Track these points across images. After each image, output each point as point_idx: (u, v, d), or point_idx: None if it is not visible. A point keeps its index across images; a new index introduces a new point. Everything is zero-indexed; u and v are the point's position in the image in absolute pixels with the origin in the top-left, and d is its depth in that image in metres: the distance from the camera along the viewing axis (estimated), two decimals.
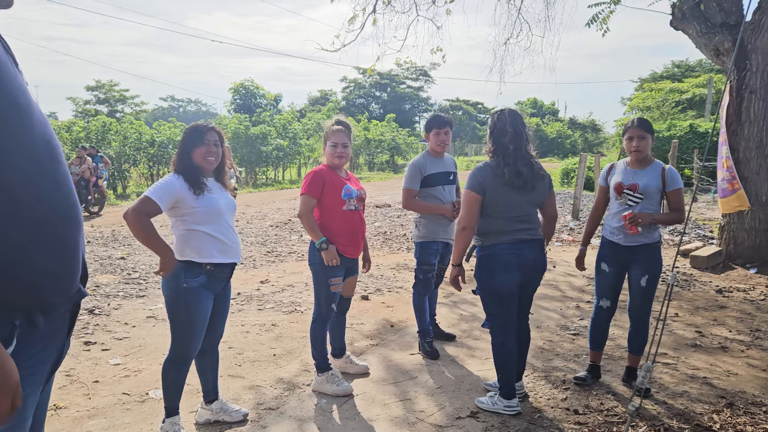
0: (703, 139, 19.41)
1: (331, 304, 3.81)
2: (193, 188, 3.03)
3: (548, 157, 48.64)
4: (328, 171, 3.78)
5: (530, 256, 3.43)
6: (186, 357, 3.13)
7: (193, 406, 3.53)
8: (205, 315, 3.11)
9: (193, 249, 3.04)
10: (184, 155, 3.11)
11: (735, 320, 5.48)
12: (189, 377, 3.25)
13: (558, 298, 6.27)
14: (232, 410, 3.39)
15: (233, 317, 5.43)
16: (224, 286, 3.26)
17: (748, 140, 7.40)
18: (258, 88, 35.72)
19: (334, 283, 3.77)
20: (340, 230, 3.74)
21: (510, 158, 3.37)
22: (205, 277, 3.07)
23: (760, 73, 7.29)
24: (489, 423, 3.39)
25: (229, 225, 3.19)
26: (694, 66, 39.31)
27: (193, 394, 3.66)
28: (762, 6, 7.17)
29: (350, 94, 59.70)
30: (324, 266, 3.72)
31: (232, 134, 22.46)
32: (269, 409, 3.58)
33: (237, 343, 4.76)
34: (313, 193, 3.68)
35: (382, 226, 11.29)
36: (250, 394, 3.79)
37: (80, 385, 3.88)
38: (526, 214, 3.44)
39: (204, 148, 3.12)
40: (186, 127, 3.22)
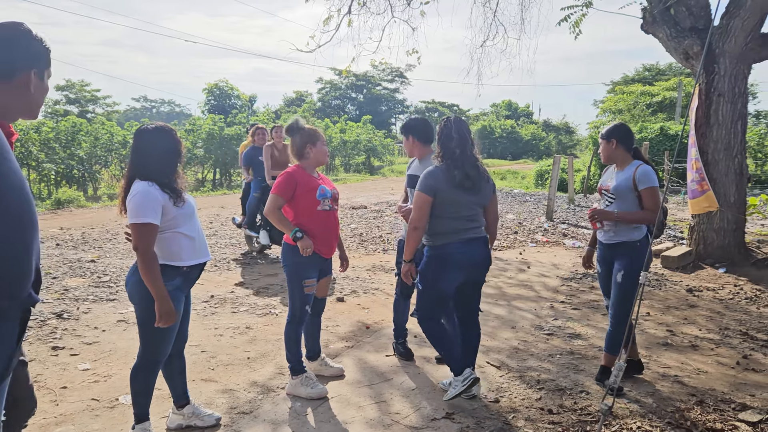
0: (674, 141, 19.77)
1: (305, 305, 3.78)
2: (174, 197, 2.96)
3: (523, 159, 49.06)
4: (302, 172, 3.76)
5: (478, 253, 3.60)
6: (157, 362, 3.07)
7: (164, 411, 3.46)
8: (179, 318, 3.06)
9: (172, 253, 2.98)
10: (166, 163, 3.00)
11: (705, 319, 5.58)
12: (159, 382, 3.19)
13: (532, 299, 6.32)
14: (205, 415, 3.34)
15: (206, 320, 5.36)
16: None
17: (717, 142, 7.55)
18: (233, 88, 35.41)
19: (308, 284, 3.75)
20: (315, 230, 3.72)
21: (458, 161, 3.54)
22: (181, 280, 3.02)
23: (728, 77, 7.44)
24: (464, 424, 3.39)
25: (198, 223, 3.16)
26: (664, 69, 40.01)
27: (164, 398, 3.59)
28: (730, 11, 7.33)
29: (326, 96, 59.56)
30: (298, 267, 3.70)
31: (206, 135, 22.19)
32: (243, 413, 3.54)
33: (210, 346, 4.70)
34: (283, 194, 3.66)
35: (358, 228, 11.27)
36: (224, 398, 3.74)
37: (48, 391, 3.79)
38: (473, 213, 3.61)
39: (182, 155, 3.08)
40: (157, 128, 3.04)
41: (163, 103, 75.09)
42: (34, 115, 1.92)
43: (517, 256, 8.83)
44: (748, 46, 7.33)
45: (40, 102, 1.91)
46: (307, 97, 55.75)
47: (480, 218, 3.67)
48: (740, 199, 7.69)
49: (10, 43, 1.81)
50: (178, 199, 2.98)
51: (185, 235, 3.01)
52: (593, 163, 20.99)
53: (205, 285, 6.60)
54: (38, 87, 1.87)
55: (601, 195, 4.07)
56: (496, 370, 4.24)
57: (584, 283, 7.03)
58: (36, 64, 1.86)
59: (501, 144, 53.85)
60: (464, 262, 3.57)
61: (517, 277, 7.40)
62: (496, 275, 7.45)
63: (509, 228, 11.55)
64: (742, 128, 7.60)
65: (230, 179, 24.09)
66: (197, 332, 4.88)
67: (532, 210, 14.72)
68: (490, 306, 6.01)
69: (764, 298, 6.29)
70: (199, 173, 23.43)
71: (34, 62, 1.85)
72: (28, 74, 1.82)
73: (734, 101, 7.47)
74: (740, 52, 7.35)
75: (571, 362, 4.41)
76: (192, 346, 4.49)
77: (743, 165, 7.66)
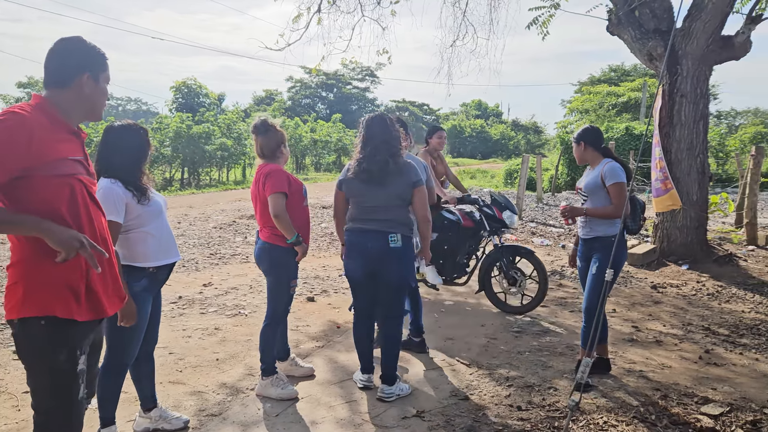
0: (638, 141, 20.16)
1: (289, 306, 3.80)
2: (138, 195, 2.92)
3: (492, 158, 49.54)
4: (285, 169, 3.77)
5: (372, 244, 3.64)
6: (124, 365, 3.02)
7: (130, 415, 3.40)
8: (146, 320, 3.01)
9: (137, 253, 2.93)
10: (131, 160, 2.95)
11: (669, 315, 5.70)
12: (126, 385, 3.13)
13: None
14: (172, 417, 3.29)
15: (174, 322, 5.29)
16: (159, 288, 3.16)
17: (680, 142, 7.72)
18: (201, 87, 34.95)
19: (294, 284, 3.76)
20: (303, 227, 3.73)
21: (361, 155, 3.67)
22: (148, 281, 2.97)
23: (690, 78, 7.62)
24: (434, 422, 3.41)
25: (167, 222, 3.11)
26: (629, 70, 40.77)
27: (131, 402, 3.52)
28: (691, 14, 7.50)
29: (296, 94, 59.18)
30: (289, 268, 3.70)
31: (174, 133, 21.87)
32: (211, 415, 3.49)
33: (178, 348, 4.63)
34: (285, 189, 3.59)
35: (329, 227, 11.23)
36: (192, 401, 3.69)
37: (9, 396, 3.69)
38: (378, 206, 3.65)
39: (149, 153, 3.03)
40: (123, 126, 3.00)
41: (129, 101, 73.80)
42: (96, 116, 2.21)
43: None
44: (709, 48, 7.52)
45: (99, 103, 2.19)
46: (277, 96, 55.39)
47: (390, 214, 3.64)
48: (702, 198, 7.89)
49: (63, 54, 2.09)
50: (143, 197, 2.93)
51: (151, 234, 2.96)
52: (561, 163, 21.29)
53: (173, 286, 6.50)
54: (93, 89, 2.15)
55: (577, 194, 4.21)
56: (466, 368, 4.27)
57: (552, 281, 7.11)
58: (89, 68, 2.11)
59: (471, 143, 54.31)
60: (359, 249, 3.70)
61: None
62: None
63: None
64: (704, 128, 7.79)
65: (198, 178, 23.79)
66: (165, 334, 4.80)
67: None
68: (459, 304, 6.05)
69: (725, 294, 6.46)
70: (166, 172, 23.06)
71: (86, 66, 2.11)
72: (81, 78, 2.09)
73: (696, 102, 7.65)
74: (702, 54, 7.53)
75: (539, 359, 4.46)
76: (159, 348, 4.40)
77: (705, 164, 7.85)
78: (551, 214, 13.92)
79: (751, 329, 5.26)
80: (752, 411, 3.58)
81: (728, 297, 6.36)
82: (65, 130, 2.08)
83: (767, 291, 6.64)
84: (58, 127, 2.05)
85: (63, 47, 2.10)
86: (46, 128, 1.98)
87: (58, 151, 2.01)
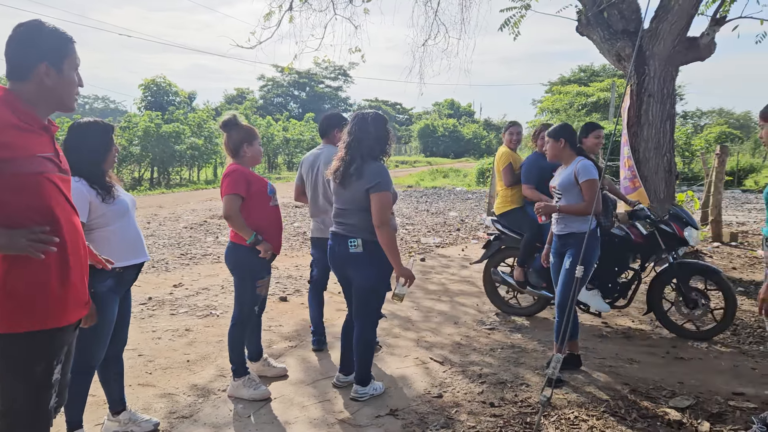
0: (607, 140, 20.47)
1: (255, 306, 3.74)
2: (102, 194, 2.86)
3: (465, 157, 49.84)
4: (248, 170, 3.69)
5: (336, 249, 3.62)
6: (91, 367, 2.95)
7: (98, 419, 3.33)
8: (112, 321, 2.96)
9: (102, 253, 2.87)
10: (93, 158, 2.90)
11: (637, 311, 5.80)
12: (94, 387, 3.07)
13: (475, 294, 6.42)
14: (142, 420, 3.23)
15: (144, 323, 5.20)
16: (127, 289, 3.10)
17: (648, 141, 7.86)
18: (171, 85, 34.41)
19: (260, 284, 3.71)
20: (270, 227, 3.67)
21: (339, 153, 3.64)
22: (113, 281, 2.91)
23: (657, 78, 7.76)
24: (408, 420, 3.41)
25: (135, 221, 3.06)
26: (598, 71, 41.39)
27: (99, 405, 3.46)
28: (658, 15, 7.64)
29: (268, 93, 58.78)
30: (252, 268, 3.64)
31: (143, 132, 21.51)
32: (182, 417, 3.44)
33: (147, 350, 4.55)
34: (241, 191, 3.55)
35: (302, 227, 11.17)
36: (162, 403, 3.63)
37: None
38: (344, 209, 3.59)
39: (114, 150, 2.98)
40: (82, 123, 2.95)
41: (96, 99, 72.42)
42: (67, 107, 2.02)
43: (460, 252, 8.96)
44: (676, 49, 7.66)
45: (66, 94, 2.01)
46: (249, 95, 54.89)
47: (353, 218, 3.53)
48: (669, 196, 8.04)
49: (20, 42, 1.93)
50: (107, 196, 2.88)
51: (117, 234, 2.91)
52: None
53: (142, 287, 6.40)
54: (56, 79, 1.96)
55: (552, 193, 4.25)
56: (439, 366, 4.29)
57: None
58: (46, 57, 1.93)
59: (443, 142, 54.56)
60: (329, 251, 3.71)
61: (460, 273, 7.51)
62: (439, 272, 7.53)
63: (452, 225, 11.70)
64: (671, 128, 7.94)
65: (168, 178, 23.45)
66: (134, 335, 4.72)
67: (473, 207, 14.96)
68: (433, 302, 6.07)
69: None
70: (135, 172, 22.68)
71: (44, 56, 1.93)
72: (39, 68, 1.92)
73: (663, 102, 7.80)
74: (668, 55, 7.67)
75: (511, 356, 4.50)
76: (128, 350, 4.33)
77: (672, 163, 8.00)
78: None
79: None
80: (717, 403, 3.66)
81: None
82: (33, 124, 1.95)
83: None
84: (24, 122, 1.91)
85: (20, 34, 1.94)
86: (9, 123, 1.86)
87: (25, 148, 1.89)
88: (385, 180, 3.43)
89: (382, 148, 3.56)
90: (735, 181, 23.06)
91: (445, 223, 11.90)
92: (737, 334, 5.06)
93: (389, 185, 3.46)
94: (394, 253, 3.45)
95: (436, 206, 15.11)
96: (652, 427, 3.33)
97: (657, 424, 3.37)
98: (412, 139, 56.35)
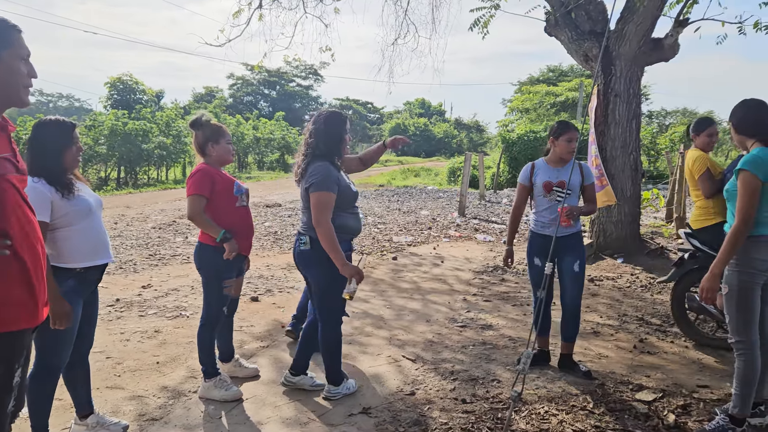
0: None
1: (223, 306, 3.70)
2: (61, 191, 2.80)
3: (436, 156, 50.10)
4: (214, 169, 3.64)
5: (294, 246, 3.67)
6: (54, 369, 2.89)
7: (65, 423, 3.27)
8: (76, 322, 2.89)
9: (64, 253, 2.82)
10: (51, 156, 2.84)
11: (605, 306, 5.91)
12: (60, 391, 3.00)
13: (446, 292, 6.46)
14: (110, 423, 3.17)
15: (111, 325, 5.11)
16: (93, 290, 3.04)
17: (614, 140, 8.01)
18: (137, 83, 33.81)
19: (227, 285, 3.66)
20: (237, 227, 3.62)
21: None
22: (75, 282, 2.85)
23: (623, 78, 7.91)
24: (380, 418, 3.42)
25: (100, 221, 3.01)
26: (567, 71, 42.00)
27: (66, 409, 3.39)
28: (624, 16, 7.78)
29: (238, 92, 58.21)
30: (218, 268, 3.59)
31: (109, 131, 21.07)
32: (152, 419, 3.39)
33: (116, 352, 4.47)
34: (204, 191, 3.51)
35: (273, 226, 11.10)
36: (131, 405, 3.57)
37: None
38: (301, 207, 3.66)
39: (74, 148, 2.91)
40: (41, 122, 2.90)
41: (61, 98, 70.64)
42: (17, 102, 1.90)
43: (432, 251, 9.01)
44: (641, 49, 7.82)
45: (12, 86, 1.88)
46: (218, 93, 54.33)
47: (304, 214, 3.59)
48: (635, 194, 8.20)
49: None
50: (68, 193, 2.82)
51: (79, 233, 2.86)
52: (503, 161, 21.74)
53: (109, 288, 6.28)
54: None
55: (551, 192, 4.06)
56: (412, 364, 4.31)
57: (495, 276, 7.26)
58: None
59: (414, 142, 54.74)
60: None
61: (432, 271, 7.55)
62: (411, 270, 7.56)
63: (423, 224, 11.75)
64: (637, 127, 8.11)
65: (136, 178, 23.05)
66: (102, 338, 4.64)
67: (445, 206, 15.05)
68: (405, 300, 6.10)
69: (657, 286, 6.74)
70: (101, 171, 22.23)
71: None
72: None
73: (629, 101, 7.95)
74: (634, 55, 7.83)
75: (483, 352, 4.54)
76: (96, 353, 4.26)
77: (638, 161, 8.17)
78: (493, 210, 14.20)
79: None
80: (683, 396, 3.76)
81: (660, 288, 6.63)
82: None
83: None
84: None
85: None
86: None
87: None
88: (321, 180, 3.39)
89: (330, 148, 3.52)
90: None
91: (417, 222, 11.95)
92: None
93: (326, 185, 3.39)
94: (334, 251, 3.39)
95: (407, 205, 15.16)
96: (620, 420, 3.40)
97: (625, 417, 3.44)
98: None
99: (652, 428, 3.32)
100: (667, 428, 3.32)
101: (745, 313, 3.11)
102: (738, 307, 3.12)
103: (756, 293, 3.11)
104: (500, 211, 14.06)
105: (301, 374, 3.83)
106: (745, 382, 3.11)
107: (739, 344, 3.14)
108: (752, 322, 3.12)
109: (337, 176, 3.48)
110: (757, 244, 3.07)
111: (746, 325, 3.12)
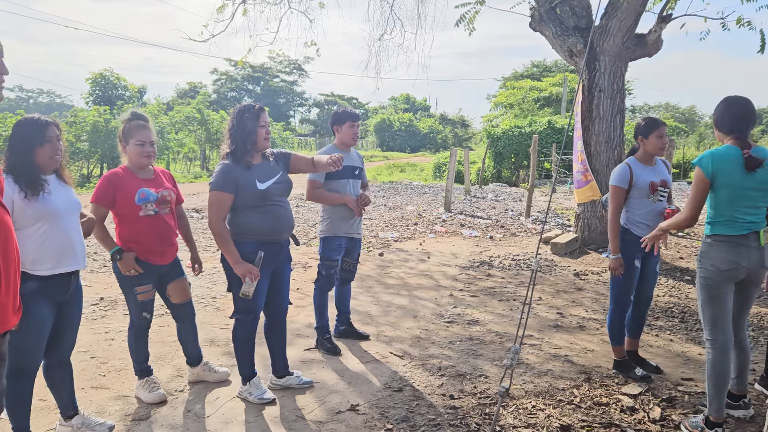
0: (560, 134, 20.92)
1: (143, 312, 3.59)
2: (26, 189, 2.73)
3: (421, 152, 50.10)
4: (124, 174, 3.47)
5: None
6: (24, 370, 2.81)
7: (50, 424, 3.22)
8: (41, 324, 2.81)
9: (23, 257, 2.73)
10: (21, 154, 2.79)
11: (591, 301, 5.96)
12: (44, 392, 2.96)
13: (433, 288, 6.47)
14: (96, 424, 3.13)
15: (96, 324, 5.05)
16: (72, 291, 2.97)
17: (599, 135, 8.07)
18: (120, 78, 33.41)
19: (140, 291, 3.53)
20: (142, 237, 3.46)
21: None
22: (36, 285, 2.77)
23: (607, 74, 7.96)
24: (369, 415, 3.41)
25: (69, 227, 2.90)
26: (551, 66, 42.20)
27: (51, 410, 3.34)
28: (608, 12, 7.83)
29: (221, 87, 57.79)
30: (127, 276, 3.48)
31: (91, 128, 20.82)
32: (138, 419, 3.36)
33: (100, 352, 4.42)
34: (101, 201, 3.39)
35: None
36: (117, 405, 3.53)
37: None
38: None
39: (48, 146, 2.83)
40: (17, 120, 2.87)
41: (41, 94, 69.69)
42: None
43: (418, 246, 9.01)
44: (625, 45, 7.88)
45: None
46: (202, 89, 53.79)
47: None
48: None
49: None
50: (31, 194, 2.75)
51: (40, 237, 2.78)
52: (488, 156, 21.81)
53: (93, 287, 6.21)
54: None
55: (655, 191, 3.90)
56: (399, 360, 4.31)
57: (481, 271, 7.28)
58: None
59: (400, 137, 54.73)
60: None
61: (418, 267, 7.55)
62: (397, 266, 7.56)
63: (409, 220, 11.76)
64: (621, 122, 8.17)
65: None
66: (86, 337, 4.59)
67: (431, 201, 15.07)
68: (392, 296, 6.09)
69: None
70: (84, 168, 21.97)
71: None
72: None
73: (613, 97, 8.01)
74: (618, 51, 7.88)
75: (470, 348, 4.56)
76: (80, 353, 4.22)
77: (622, 156, 8.23)
78: (479, 206, 14.24)
79: (665, 312, 5.57)
80: (668, 389, 3.80)
81: None
82: None
83: (679, 275, 7.05)
84: None
85: None
86: None
87: None
88: (215, 180, 3.38)
89: (238, 145, 3.43)
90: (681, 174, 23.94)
91: (403, 218, 11.95)
92: (685, 322, 5.26)
93: (220, 185, 3.35)
94: (226, 250, 3.38)
95: (393, 201, 15.15)
96: (606, 414, 3.42)
97: (611, 411, 3.47)
98: (368, 134, 56.36)
99: (639, 421, 3.35)
100: (653, 421, 3.35)
101: (712, 311, 3.17)
102: (704, 304, 3.22)
103: (723, 291, 3.16)
104: (485, 207, 14.10)
105: (285, 375, 3.81)
106: (713, 382, 3.13)
107: (708, 342, 3.20)
108: (721, 320, 3.16)
109: (236, 176, 3.37)
110: (716, 245, 3.16)
111: (713, 323, 3.17)
